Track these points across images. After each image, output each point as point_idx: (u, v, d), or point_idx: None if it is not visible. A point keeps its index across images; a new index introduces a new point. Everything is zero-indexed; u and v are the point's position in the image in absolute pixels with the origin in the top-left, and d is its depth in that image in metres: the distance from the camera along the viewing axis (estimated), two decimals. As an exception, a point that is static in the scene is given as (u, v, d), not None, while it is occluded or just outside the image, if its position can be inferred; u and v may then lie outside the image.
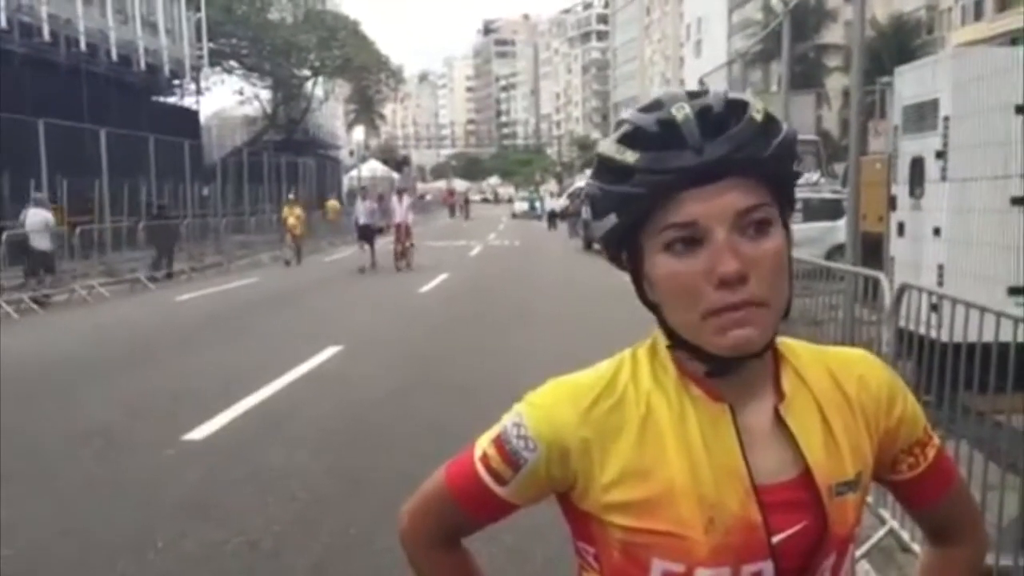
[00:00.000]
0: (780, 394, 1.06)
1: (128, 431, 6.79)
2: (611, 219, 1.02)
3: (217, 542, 4.56)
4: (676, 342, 1.04)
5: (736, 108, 0.99)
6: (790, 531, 1.02)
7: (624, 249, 1.05)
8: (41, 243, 15.63)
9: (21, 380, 8.65)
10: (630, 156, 0.99)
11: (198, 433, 6.65)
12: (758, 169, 0.98)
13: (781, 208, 1.02)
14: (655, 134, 0.99)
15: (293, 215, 23.62)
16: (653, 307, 1.05)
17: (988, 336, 3.70)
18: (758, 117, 0.99)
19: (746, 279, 0.96)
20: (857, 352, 1.17)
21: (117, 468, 5.89)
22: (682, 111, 0.98)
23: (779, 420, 1.05)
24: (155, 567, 4.27)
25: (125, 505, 5.16)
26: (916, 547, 4.02)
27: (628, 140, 1.00)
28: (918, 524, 1.29)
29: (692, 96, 1.01)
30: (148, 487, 5.47)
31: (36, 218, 15.84)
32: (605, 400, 1.06)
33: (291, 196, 25.91)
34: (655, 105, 1.02)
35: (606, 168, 1.02)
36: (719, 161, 0.96)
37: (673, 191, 0.97)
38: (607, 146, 1.02)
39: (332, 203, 35.86)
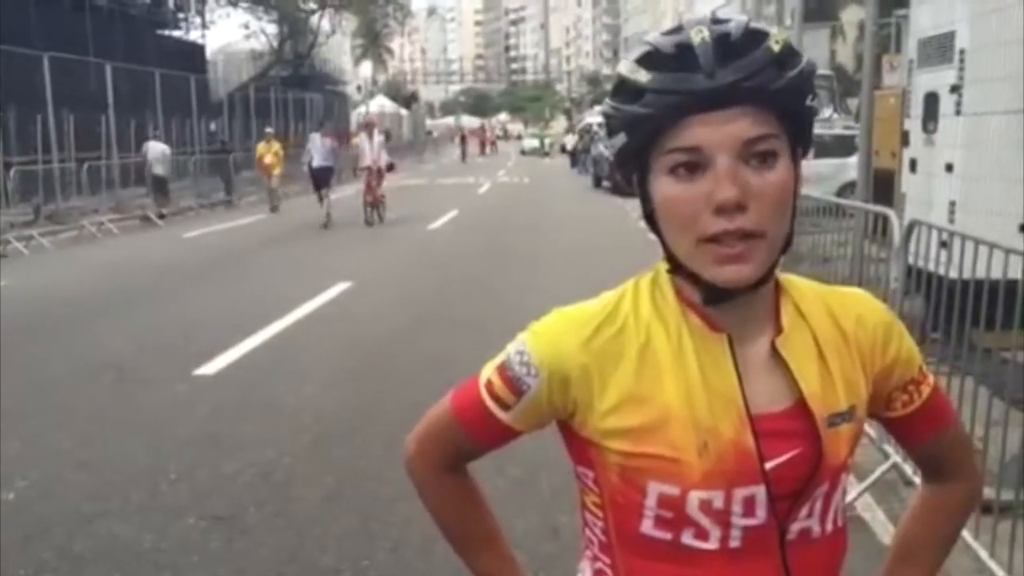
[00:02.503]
0: (778, 327, 1.08)
1: (140, 366, 6.86)
2: (621, 138, 1.03)
3: (229, 474, 4.64)
4: (675, 267, 1.05)
5: (755, 37, 0.99)
6: (782, 458, 1.04)
7: (635, 171, 1.05)
8: (160, 170, 19.55)
9: (32, 316, 8.73)
10: (643, 76, 1.00)
11: (209, 368, 6.71)
12: (768, 99, 0.98)
13: (792, 143, 1.01)
14: (670, 56, 0.99)
15: (271, 153, 20.34)
16: (657, 231, 1.06)
17: (997, 273, 3.68)
18: (775, 47, 0.98)
19: (744, 208, 0.96)
20: (857, 292, 1.18)
21: (130, 402, 5.96)
22: (700, 35, 0.98)
23: (776, 352, 1.06)
24: (168, 498, 4.35)
25: (138, 438, 5.24)
26: (919, 481, 4.06)
27: (644, 61, 1.01)
28: (913, 461, 1.32)
29: (715, 22, 1.00)
30: (160, 420, 5.54)
31: (156, 150, 19.74)
32: (606, 329, 1.08)
33: (269, 131, 22.22)
34: (676, 29, 1.02)
35: (621, 87, 1.03)
36: (729, 87, 0.96)
37: (681, 114, 0.97)
38: (624, 65, 1.03)
39: (355, 140, 35.69)
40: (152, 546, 3.86)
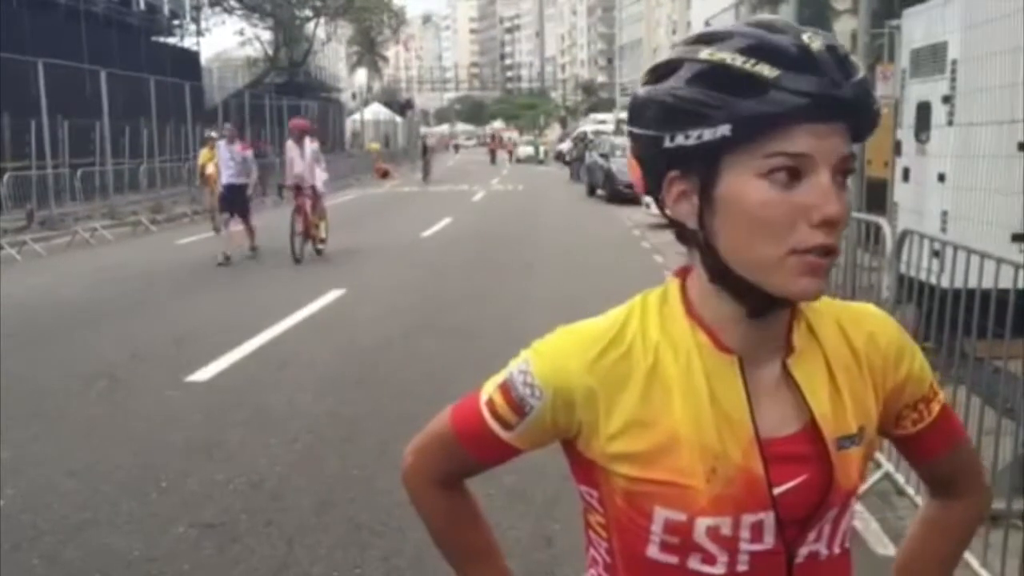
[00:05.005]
0: (789, 347, 1.05)
1: (131, 373, 6.84)
2: (722, 130, 0.94)
3: (220, 482, 4.62)
4: (720, 276, 1.00)
5: (846, 53, 0.96)
6: (791, 483, 1.02)
7: (695, 168, 0.98)
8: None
9: (25, 322, 8.70)
10: (767, 70, 0.93)
11: (201, 375, 6.69)
12: (866, 118, 0.97)
13: None
14: (795, 56, 0.93)
15: (213, 162, 15.57)
16: (694, 234, 1.01)
17: (989, 282, 3.69)
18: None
19: (840, 225, 0.95)
20: (868, 307, 1.15)
21: (121, 409, 5.94)
22: (815, 41, 0.94)
23: (786, 373, 1.04)
24: (158, 506, 4.33)
25: (129, 445, 5.21)
26: (910, 490, 4.07)
27: (757, 54, 0.93)
28: (921, 478, 1.29)
29: (814, 33, 0.96)
30: (152, 428, 5.52)
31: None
32: (613, 350, 1.04)
33: (212, 134, 17.94)
34: (771, 27, 0.96)
35: (725, 77, 0.94)
36: (851, 100, 0.93)
37: (801, 119, 0.93)
38: (724, 54, 0.94)
39: (374, 145, 36.50)
40: (142, 554, 3.84)
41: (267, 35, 45.12)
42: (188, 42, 36.71)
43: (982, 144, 6.42)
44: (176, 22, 35.58)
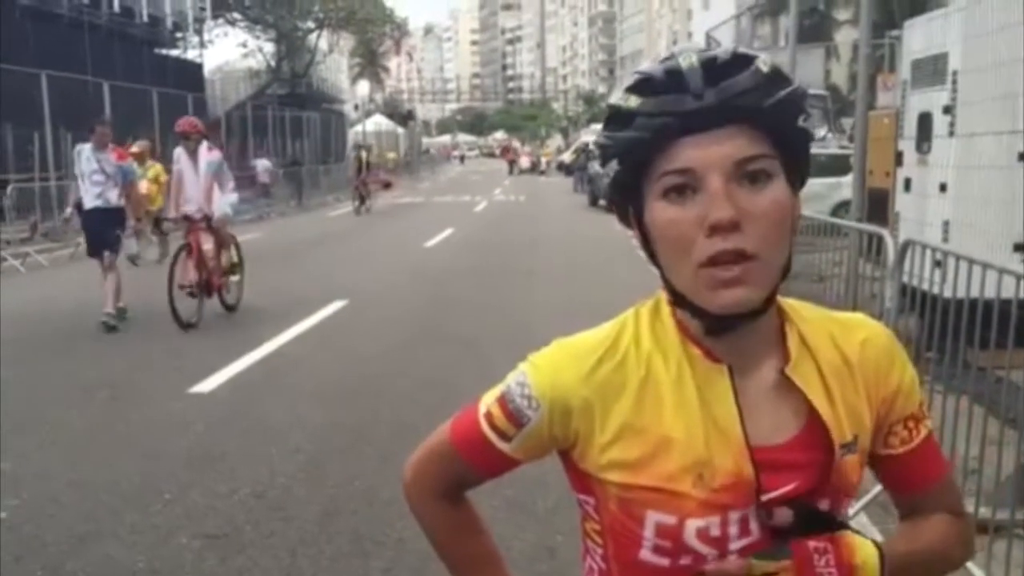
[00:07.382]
0: (786, 356, 1.07)
1: (134, 384, 6.84)
2: (613, 166, 1.03)
3: (223, 493, 4.61)
4: (676, 299, 1.05)
5: (742, 60, 1.00)
6: (780, 491, 1.04)
7: (629, 203, 1.05)
8: (264, 179, 27.72)
9: (28, 333, 8.70)
10: (633, 101, 1.01)
11: (203, 386, 6.69)
12: (758, 119, 0.98)
13: (788, 166, 1.01)
14: (659, 81, 1.00)
15: (147, 178, 12.97)
16: (657, 263, 1.06)
17: (990, 292, 3.69)
18: (764, 69, 0.99)
19: (738, 227, 0.96)
20: (858, 316, 1.17)
21: (123, 420, 5.94)
22: (688, 60, 0.99)
23: (783, 382, 1.05)
24: (161, 517, 4.33)
25: (132, 457, 5.21)
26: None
27: (635, 88, 1.02)
28: (898, 507, 1.20)
29: (704, 50, 1.02)
30: (155, 439, 5.52)
31: (262, 165, 28.23)
32: (608, 361, 1.07)
33: (143, 143, 14.80)
34: (667, 57, 1.03)
35: (612, 115, 1.04)
36: (718, 107, 0.96)
37: (672, 137, 0.98)
38: (615, 94, 1.04)
39: (390, 155, 37.28)
40: (146, 566, 3.83)
41: (269, 47, 45.22)
42: (191, 54, 36.83)
43: (983, 154, 6.44)
44: (179, 34, 35.65)
